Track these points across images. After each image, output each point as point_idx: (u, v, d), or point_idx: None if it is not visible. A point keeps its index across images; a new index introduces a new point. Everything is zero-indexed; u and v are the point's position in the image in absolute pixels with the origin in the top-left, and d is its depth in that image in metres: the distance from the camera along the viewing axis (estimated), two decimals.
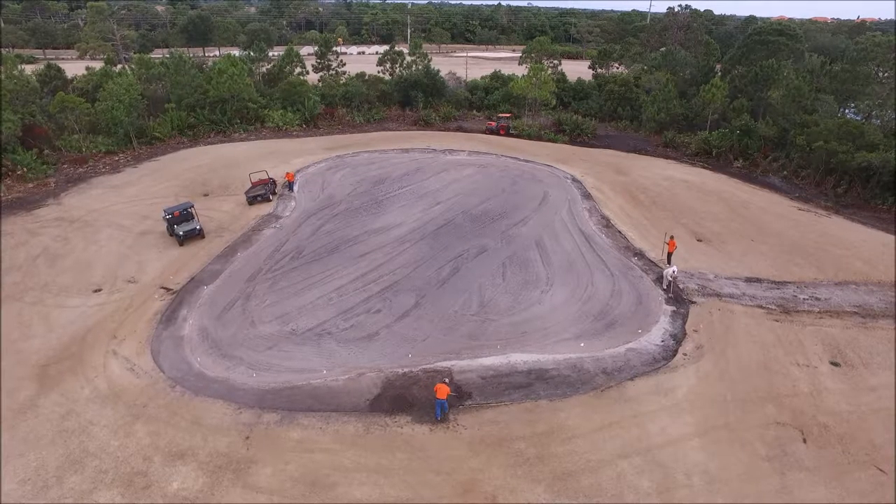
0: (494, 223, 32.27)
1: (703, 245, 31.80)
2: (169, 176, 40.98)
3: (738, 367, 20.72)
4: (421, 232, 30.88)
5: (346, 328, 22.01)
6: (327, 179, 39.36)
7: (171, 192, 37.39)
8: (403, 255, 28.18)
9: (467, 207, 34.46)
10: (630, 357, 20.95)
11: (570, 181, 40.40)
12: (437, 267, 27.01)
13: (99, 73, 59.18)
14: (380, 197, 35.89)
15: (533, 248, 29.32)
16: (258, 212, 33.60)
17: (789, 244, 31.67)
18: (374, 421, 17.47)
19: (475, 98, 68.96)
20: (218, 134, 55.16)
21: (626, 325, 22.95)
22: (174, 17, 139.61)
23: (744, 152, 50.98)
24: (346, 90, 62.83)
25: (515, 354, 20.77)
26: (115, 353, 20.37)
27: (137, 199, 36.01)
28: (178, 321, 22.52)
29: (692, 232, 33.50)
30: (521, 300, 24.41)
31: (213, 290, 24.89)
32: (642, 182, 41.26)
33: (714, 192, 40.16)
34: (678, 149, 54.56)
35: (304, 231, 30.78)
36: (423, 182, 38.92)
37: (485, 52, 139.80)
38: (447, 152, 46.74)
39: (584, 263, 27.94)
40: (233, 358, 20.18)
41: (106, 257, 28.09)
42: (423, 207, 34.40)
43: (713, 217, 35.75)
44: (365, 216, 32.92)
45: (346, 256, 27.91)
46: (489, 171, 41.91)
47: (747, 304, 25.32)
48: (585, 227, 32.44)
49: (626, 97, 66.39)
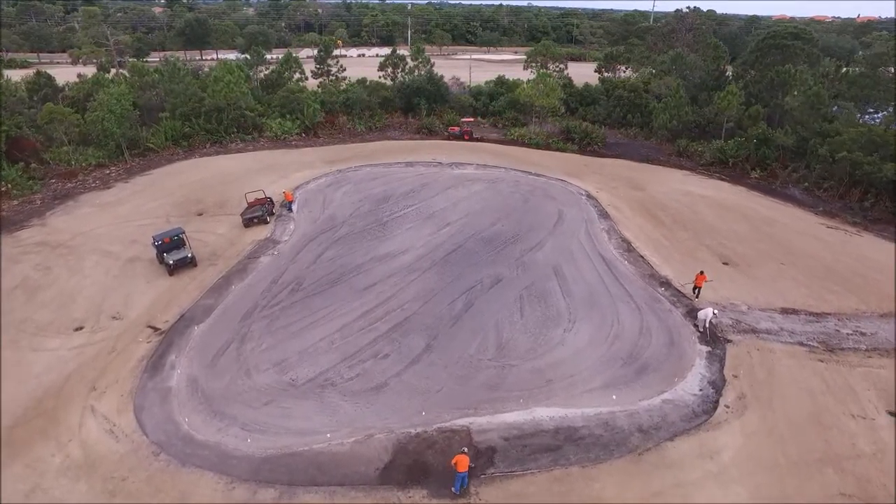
0: (508, 248, 30.13)
1: (730, 269, 29.71)
2: (162, 193, 38.85)
3: (788, 422, 18.62)
4: (430, 259, 28.72)
5: (352, 378, 19.89)
6: (328, 197, 37.19)
7: (163, 212, 35.27)
8: (412, 286, 26.03)
9: (478, 229, 32.31)
10: (667, 410, 18.86)
11: (584, 198, 38.26)
12: (448, 301, 24.87)
13: (91, 80, 57.12)
14: (384, 218, 33.71)
15: (551, 278, 27.20)
16: (255, 236, 31.42)
17: (822, 268, 29.60)
18: (386, 496, 15.35)
19: (479, 104, 66.77)
20: (214, 144, 53.05)
21: (660, 371, 20.85)
22: (171, 19, 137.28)
23: (761, 162, 48.93)
24: (347, 97, 60.68)
25: (540, 409, 18.67)
26: (93, 410, 18.23)
27: (127, 220, 33.86)
28: (166, 369, 20.39)
29: (717, 254, 31.43)
30: (542, 341, 22.30)
31: (205, 329, 22.74)
32: (660, 198, 39.14)
33: (736, 209, 38.06)
34: (691, 158, 52.58)
35: (303, 259, 28.61)
36: (430, 200, 36.74)
37: (486, 55, 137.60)
38: (454, 166, 44.55)
39: (608, 295, 25.82)
40: (225, 416, 18.06)
41: (90, 289, 25.96)
42: (431, 229, 32.25)
43: (737, 237, 33.68)
44: (369, 240, 30.76)
45: (350, 289, 25.75)
46: (499, 186, 39.74)
47: (787, 341, 23.23)
48: (605, 251, 30.32)
49: (635, 103, 64.34)
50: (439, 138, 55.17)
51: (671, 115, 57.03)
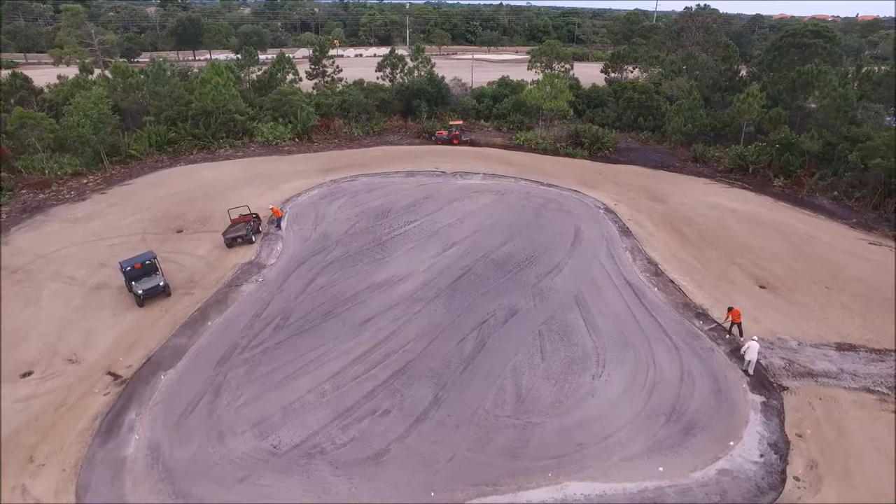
0: (522, 272, 26.82)
1: (769, 294, 26.51)
2: (140, 206, 35.51)
3: (874, 498, 15.38)
4: (435, 286, 25.39)
5: (345, 443, 16.57)
6: (321, 212, 33.79)
7: (140, 228, 31.95)
8: (415, 321, 22.70)
9: (488, 250, 28.98)
10: (726, 486, 15.58)
11: (602, 211, 34.95)
12: (458, 339, 21.56)
13: (70, 83, 53.76)
14: (383, 236, 30.35)
15: (573, 308, 23.91)
16: (238, 258, 28.05)
17: (874, 293, 26.39)
18: None
19: (482, 107, 63.46)
20: (201, 150, 49.72)
21: (710, 430, 17.59)
22: (164, 19, 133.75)
23: (784, 169, 45.73)
24: (343, 99, 57.30)
25: (572, 484, 15.40)
26: (24, 492, 14.88)
27: (99, 238, 30.51)
28: (122, 431, 17.05)
29: (752, 276, 28.24)
30: (568, 390, 19.02)
31: (174, 378, 19.40)
32: (684, 211, 35.88)
33: (766, 222, 34.83)
34: (709, 164, 49.46)
35: (291, 287, 25.23)
36: (434, 215, 33.36)
37: (487, 55, 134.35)
38: (458, 175, 41.16)
39: (639, 330, 22.55)
40: (190, 498, 14.75)
41: (46, 324, 22.60)
42: (436, 250, 28.92)
43: (772, 255, 30.48)
44: (366, 264, 27.40)
45: (344, 325, 22.38)
46: (509, 199, 36.37)
47: (851, 386, 20.01)
48: (631, 275, 27.05)
49: (646, 106, 61.09)
50: (441, 143, 51.86)
51: (686, 119, 53.91)
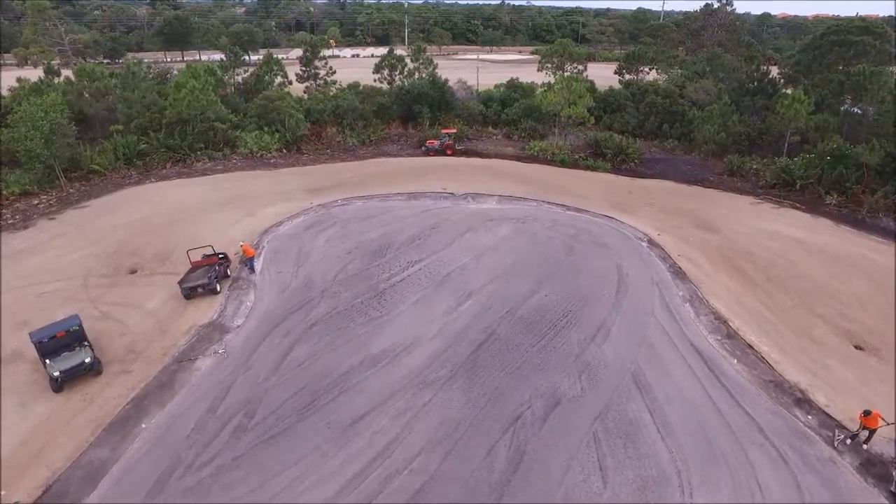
0: (559, 336, 20.83)
1: (871, 359, 20.82)
2: (91, 236, 29.67)
3: None
4: (449, 360, 19.37)
5: None
6: (305, 248, 27.69)
7: (84, 268, 26.10)
8: (425, 418, 16.71)
9: (513, 303, 22.92)
10: None
11: (645, 245, 28.99)
12: (485, 448, 15.63)
13: (28, 88, 47.86)
14: (381, 284, 24.25)
15: (633, 394, 18.01)
16: (196, 317, 21.93)
17: None
18: None
19: (490, 112, 57.57)
20: (176, 164, 43.96)
21: None
22: (153, 18, 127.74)
23: (837, 184, 40.15)
24: (337, 104, 51.43)
25: None
26: None
27: (29, 283, 24.59)
28: None
29: (840, 331, 22.56)
30: None
31: None
32: (741, 242, 30.04)
33: (841, 256, 29.06)
34: (746, 178, 43.85)
35: (261, 362, 19.15)
36: (443, 252, 27.28)
37: (490, 55, 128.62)
38: (469, 198, 35.01)
39: (726, 429, 16.65)
40: None
41: None
42: (448, 303, 22.85)
43: (859, 301, 24.74)
44: (359, 325, 21.31)
45: (328, 427, 16.29)
46: (532, 229, 30.29)
47: None
48: (697, 338, 21.14)
49: (670, 111, 55.41)
50: (433, 154, 46.00)
51: (718, 127, 48.28)
